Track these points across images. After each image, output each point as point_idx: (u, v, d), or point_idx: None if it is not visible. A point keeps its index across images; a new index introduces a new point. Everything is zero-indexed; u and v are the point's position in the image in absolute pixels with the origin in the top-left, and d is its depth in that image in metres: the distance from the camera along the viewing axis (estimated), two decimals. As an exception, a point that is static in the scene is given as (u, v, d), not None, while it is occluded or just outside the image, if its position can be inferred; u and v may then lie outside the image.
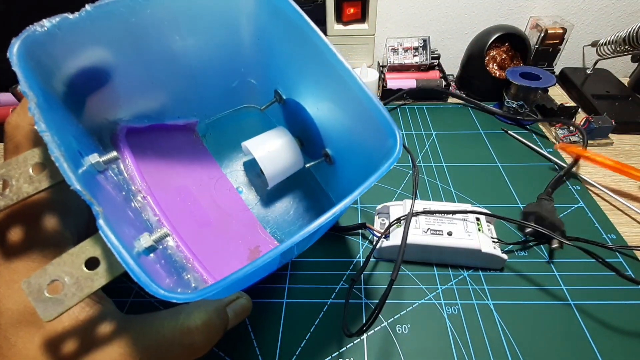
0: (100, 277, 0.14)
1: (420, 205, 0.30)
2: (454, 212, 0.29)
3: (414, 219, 0.28)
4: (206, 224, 0.27)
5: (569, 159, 0.38)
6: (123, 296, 0.27)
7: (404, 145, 0.32)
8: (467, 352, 0.24)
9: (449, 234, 0.27)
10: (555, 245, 0.29)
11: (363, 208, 0.34)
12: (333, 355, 0.24)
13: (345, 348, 0.24)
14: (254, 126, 0.30)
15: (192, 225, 0.26)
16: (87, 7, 0.18)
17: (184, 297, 0.14)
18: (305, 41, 0.22)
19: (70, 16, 0.17)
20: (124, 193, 0.23)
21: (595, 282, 0.27)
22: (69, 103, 0.19)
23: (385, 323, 0.25)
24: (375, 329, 0.25)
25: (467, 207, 0.29)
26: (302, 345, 0.24)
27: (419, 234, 0.27)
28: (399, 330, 0.25)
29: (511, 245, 0.30)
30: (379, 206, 0.32)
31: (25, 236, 0.17)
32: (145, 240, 0.17)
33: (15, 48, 0.15)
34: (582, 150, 0.36)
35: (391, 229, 0.29)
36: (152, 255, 0.19)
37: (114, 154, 0.21)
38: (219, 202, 0.29)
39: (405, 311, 0.26)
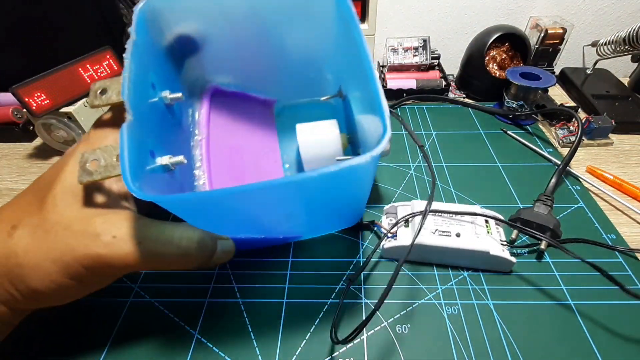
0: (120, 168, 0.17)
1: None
2: (462, 214, 0.28)
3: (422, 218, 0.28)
4: (240, 179, 0.31)
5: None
6: (123, 296, 0.27)
7: (411, 134, 0.34)
8: (467, 352, 0.24)
9: (457, 235, 0.27)
10: (542, 247, 0.29)
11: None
12: (333, 355, 0.24)
13: (345, 348, 0.24)
14: (323, 117, 0.32)
15: (226, 174, 0.30)
16: None
17: (160, 198, 0.17)
18: (353, 40, 0.23)
19: None
20: (186, 133, 0.29)
21: (595, 282, 0.27)
22: (172, 56, 0.26)
23: (385, 323, 0.25)
24: (375, 329, 0.25)
25: (476, 209, 0.29)
26: (302, 345, 0.24)
27: (427, 235, 0.27)
28: (399, 330, 0.25)
29: (522, 249, 0.30)
30: (387, 206, 0.32)
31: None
32: (163, 160, 0.21)
33: (140, 6, 0.22)
34: (612, 181, 0.36)
35: (399, 230, 0.29)
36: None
37: (178, 94, 0.25)
38: (261, 168, 0.33)
39: (405, 311, 0.26)
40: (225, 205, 0.20)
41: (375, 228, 0.31)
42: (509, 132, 0.43)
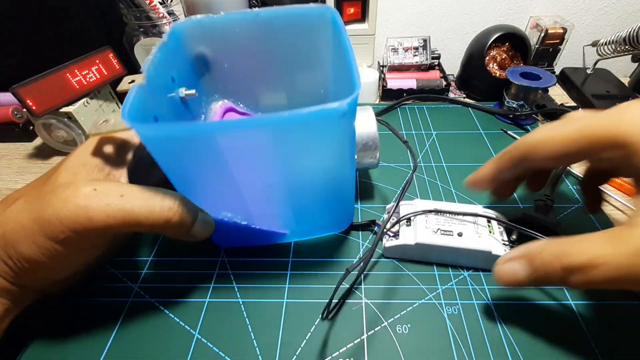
0: (125, 126, 0.19)
1: (431, 204, 0.29)
2: (464, 214, 0.28)
3: (424, 217, 0.28)
4: None
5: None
6: (123, 296, 0.27)
7: (394, 132, 0.34)
8: (467, 352, 0.24)
9: (459, 234, 0.27)
10: None
11: (363, 208, 0.34)
12: (333, 355, 0.24)
13: (345, 348, 0.24)
14: None
15: None
16: (222, 12, 0.28)
17: (138, 125, 0.18)
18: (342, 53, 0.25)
19: (212, 16, 0.28)
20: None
21: (596, 282, 0.27)
22: (196, 70, 0.31)
23: (386, 323, 0.25)
24: (375, 329, 0.25)
25: (479, 209, 0.29)
26: (302, 345, 0.24)
27: (429, 234, 0.27)
28: (399, 330, 0.25)
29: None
30: (389, 205, 0.32)
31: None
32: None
33: (178, 22, 0.28)
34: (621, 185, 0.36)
35: (400, 229, 0.29)
36: None
37: (192, 91, 0.28)
38: None
39: (405, 311, 0.26)
40: (200, 144, 0.20)
41: (376, 228, 0.31)
42: (509, 132, 0.43)
